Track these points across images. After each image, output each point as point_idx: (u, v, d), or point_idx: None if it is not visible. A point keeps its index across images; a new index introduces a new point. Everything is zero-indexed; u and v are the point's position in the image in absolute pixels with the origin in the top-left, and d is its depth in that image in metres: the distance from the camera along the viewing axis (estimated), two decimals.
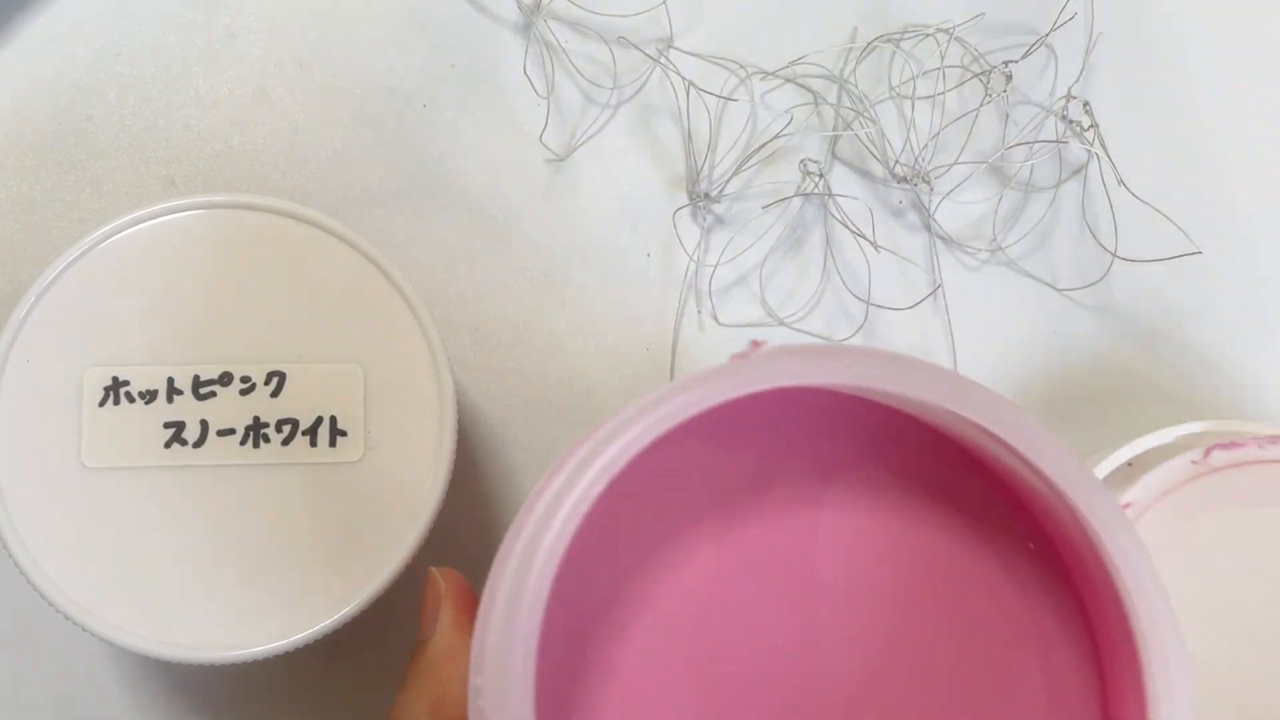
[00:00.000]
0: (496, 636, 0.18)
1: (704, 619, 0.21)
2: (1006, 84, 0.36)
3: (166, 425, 0.27)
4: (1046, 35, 0.37)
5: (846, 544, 0.21)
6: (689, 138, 0.36)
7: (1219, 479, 0.29)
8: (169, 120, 0.35)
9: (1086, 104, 0.37)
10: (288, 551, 0.26)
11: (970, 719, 0.21)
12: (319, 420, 0.27)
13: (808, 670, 0.20)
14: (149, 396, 0.27)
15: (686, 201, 0.36)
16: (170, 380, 0.27)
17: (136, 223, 0.27)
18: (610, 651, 0.20)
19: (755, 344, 0.20)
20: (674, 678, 0.20)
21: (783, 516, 0.21)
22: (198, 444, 0.27)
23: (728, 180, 0.36)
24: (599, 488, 0.19)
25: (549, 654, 0.19)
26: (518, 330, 0.35)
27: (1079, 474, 0.19)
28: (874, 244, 0.36)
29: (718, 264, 0.36)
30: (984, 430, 0.20)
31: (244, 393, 0.27)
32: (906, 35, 0.37)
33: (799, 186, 0.36)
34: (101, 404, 0.26)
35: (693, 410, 0.19)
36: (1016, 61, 0.36)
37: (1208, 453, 0.29)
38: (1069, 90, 0.37)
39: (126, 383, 0.27)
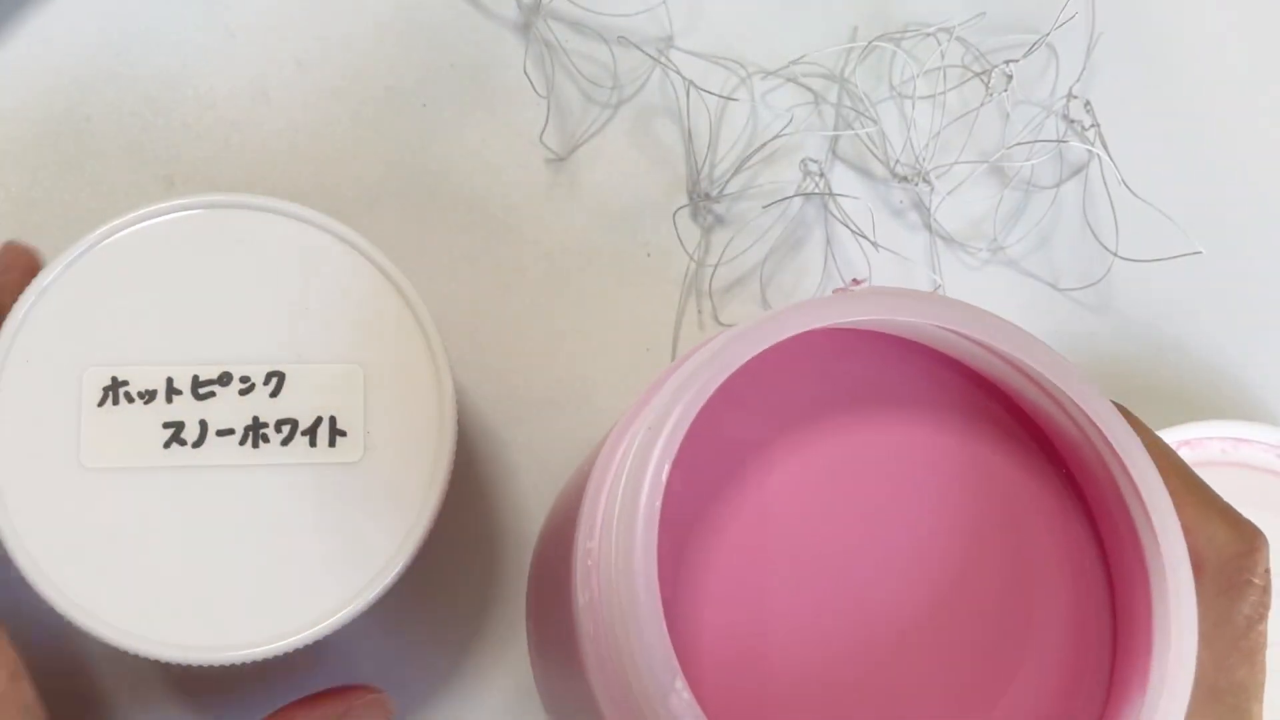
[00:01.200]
0: (621, 518, 0.19)
1: (788, 527, 0.22)
2: (1007, 83, 0.36)
3: (165, 425, 0.26)
4: (1047, 35, 0.37)
5: (918, 465, 0.22)
6: (689, 137, 0.36)
7: None
8: (168, 120, 0.35)
9: (1087, 103, 0.37)
10: (287, 552, 0.26)
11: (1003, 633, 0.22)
12: (318, 420, 0.27)
13: (879, 579, 0.22)
14: (148, 396, 0.26)
15: (687, 201, 0.36)
16: (169, 380, 0.27)
17: (136, 222, 0.27)
18: (704, 551, 0.21)
19: (856, 281, 0.22)
20: (765, 575, 0.21)
21: (865, 435, 0.22)
22: (197, 444, 0.26)
23: (728, 180, 0.36)
24: (713, 388, 0.20)
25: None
26: (518, 330, 0.35)
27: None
28: (874, 243, 0.36)
29: (718, 264, 0.36)
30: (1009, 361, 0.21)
31: (243, 393, 0.27)
32: (907, 34, 0.37)
33: (799, 186, 0.36)
34: (100, 404, 0.26)
35: (807, 326, 0.20)
36: (1017, 61, 0.36)
37: None
38: (1070, 90, 0.37)
39: (125, 383, 0.26)
